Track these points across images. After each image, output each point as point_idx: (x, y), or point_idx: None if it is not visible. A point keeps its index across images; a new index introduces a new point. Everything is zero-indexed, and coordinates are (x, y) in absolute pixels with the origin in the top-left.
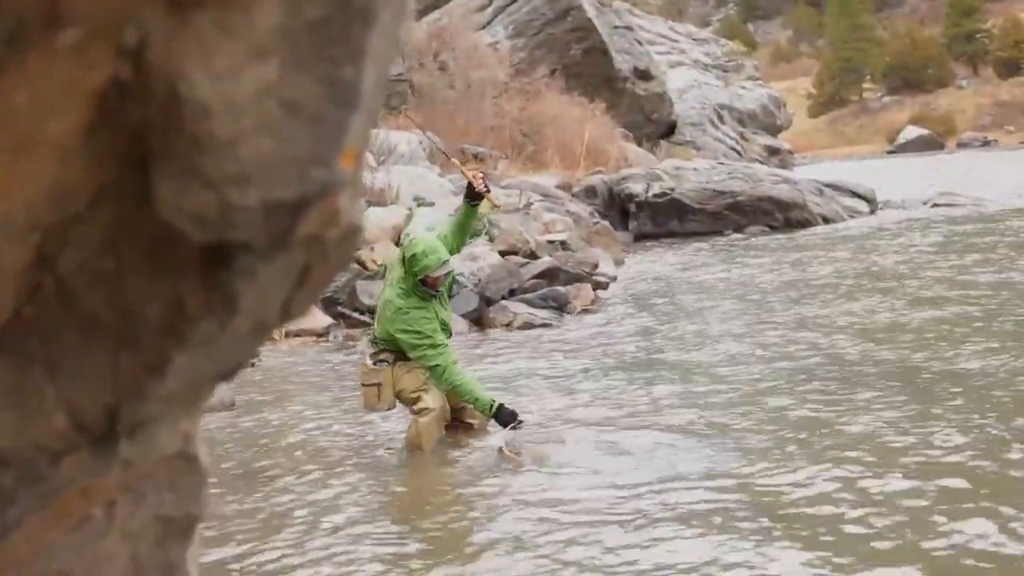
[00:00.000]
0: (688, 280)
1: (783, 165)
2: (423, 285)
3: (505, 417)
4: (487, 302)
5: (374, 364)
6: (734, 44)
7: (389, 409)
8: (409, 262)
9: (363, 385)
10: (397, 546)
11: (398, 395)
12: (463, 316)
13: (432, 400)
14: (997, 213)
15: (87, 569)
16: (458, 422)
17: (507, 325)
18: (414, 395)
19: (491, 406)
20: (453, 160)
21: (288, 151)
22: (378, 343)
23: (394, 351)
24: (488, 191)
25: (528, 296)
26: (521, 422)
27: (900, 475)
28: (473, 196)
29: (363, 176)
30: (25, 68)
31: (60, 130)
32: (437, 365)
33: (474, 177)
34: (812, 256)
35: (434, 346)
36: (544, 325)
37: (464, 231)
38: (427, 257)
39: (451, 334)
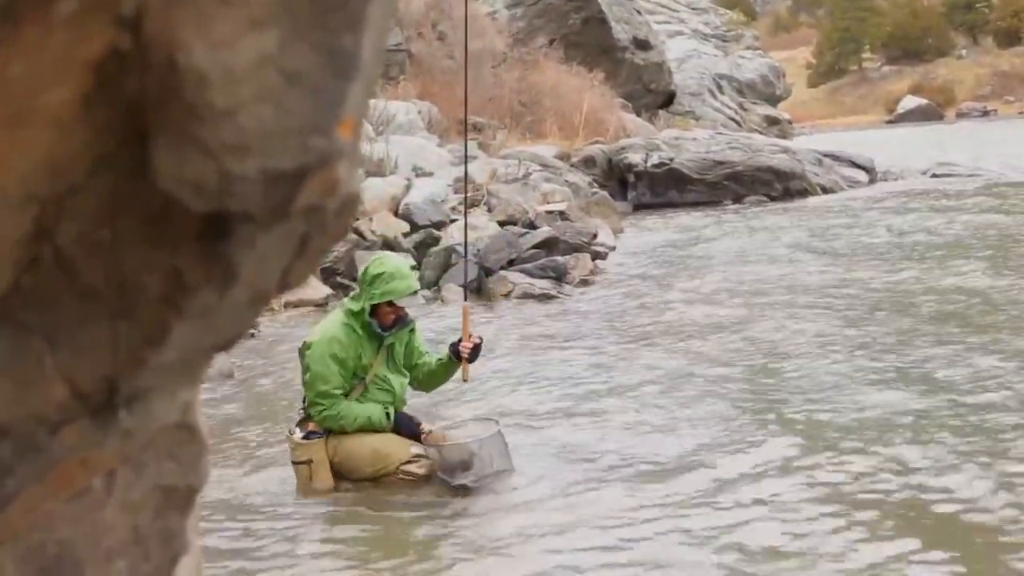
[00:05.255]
0: (686, 249)
1: (782, 135)
2: (372, 317)
3: (404, 423)
4: (486, 272)
5: (303, 437)
6: (733, 14)
7: (330, 491)
8: (371, 281)
9: (293, 463)
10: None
11: (338, 470)
12: (462, 286)
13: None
14: (994, 182)
15: (87, 539)
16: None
17: (506, 295)
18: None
19: (388, 415)
20: (468, 310)
21: (287, 120)
22: (308, 410)
23: None
24: (469, 361)
25: (527, 266)
26: (422, 430)
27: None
28: (457, 353)
29: (362, 146)
30: (21, 39)
31: (57, 101)
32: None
33: (468, 338)
34: (807, 225)
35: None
36: (543, 295)
37: (435, 379)
38: (393, 280)
39: (396, 410)
